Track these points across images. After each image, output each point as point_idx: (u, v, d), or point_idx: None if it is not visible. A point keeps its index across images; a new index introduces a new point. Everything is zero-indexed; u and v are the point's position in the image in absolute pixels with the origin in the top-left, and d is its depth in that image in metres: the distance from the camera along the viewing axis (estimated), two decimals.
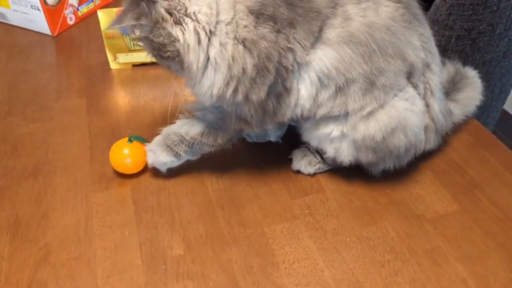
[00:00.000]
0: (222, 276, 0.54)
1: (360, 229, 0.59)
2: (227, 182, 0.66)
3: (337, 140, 0.61)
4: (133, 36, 0.54)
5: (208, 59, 0.53)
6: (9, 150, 0.71)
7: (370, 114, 0.58)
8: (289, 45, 0.53)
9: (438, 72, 0.63)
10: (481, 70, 0.98)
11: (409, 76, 0.59)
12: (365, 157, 0.60)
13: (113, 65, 0.88)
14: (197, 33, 0.52)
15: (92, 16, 1.05)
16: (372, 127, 0.57)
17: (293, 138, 0.67)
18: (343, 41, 0.54)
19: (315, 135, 0.62)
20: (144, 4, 0.51)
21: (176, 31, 0.52)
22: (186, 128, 0.62)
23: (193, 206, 0.63)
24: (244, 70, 0.52)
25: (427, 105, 0.62)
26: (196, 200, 0.64)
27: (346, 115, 0.58)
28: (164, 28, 0.52)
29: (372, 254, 0.56)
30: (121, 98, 0.82)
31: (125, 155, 0.65)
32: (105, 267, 0.56)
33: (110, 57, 0.87)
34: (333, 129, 0.60)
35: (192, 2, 0.51)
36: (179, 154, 0.63)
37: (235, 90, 0.54)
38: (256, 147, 0.70)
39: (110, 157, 0.66)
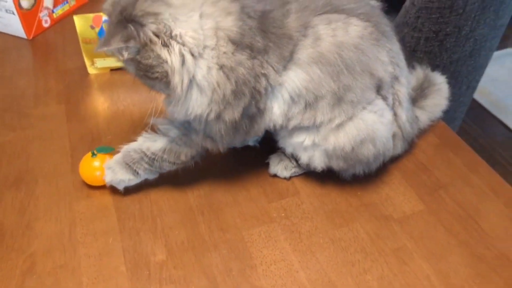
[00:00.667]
0: (203, 280, 0.57)
1: (333, 230, 0.63)
2: (207, 188, 0.68)
3: (309, 149, 0.64)
4: (120, 58, 0.55)
5: (193, 81, 0.55)
6: None
7: (340, 126, 0.61)
8: (262, 71, 0.56)
9: (406, 84, 0.67)
10: (449, 69, 1.03)
11: (379, 89, 0.62)
12: (336, 165, 0.64)
13: (90, 70, 0.89)
14: (182, 55, 0.54)
15: (67, 18, 1.04)
16: (341, 139, 0.61)
17: (270, 143, 0.70)
18: (313, 61, 0.57)
19: (289, 143, 0.65)
20: (132, 27, 0.52)
21: (164, 53, 0.53)
22: (148, 144, 0.64)
23: (175, 212, 0.65)
24: (224, 95, 0.55)
25: (395, 114, 0.66)
26: (177, 206, 0.66)
27: (317, 126, 0.61)
28: (152, 50, 0.53)
29: (344, 254, 0.60)
30: (101, 104, 0.83)
31: (94, 168, 0.66)
32: (90, 275, 0.58)
33: (87, 62, 0.88)
34: (305, 139, 0.63)
35: (177, 25, 0.53)
36: (137, 173, 0.64)
37: (210, 111, 0.56)
38: (235, 152, 0.73)
39: (80, 171, 0.67)
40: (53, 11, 1.01)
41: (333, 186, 0.68)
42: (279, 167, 0.69)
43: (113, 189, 0.67)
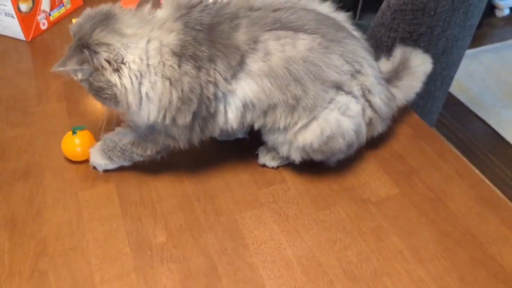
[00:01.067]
0: (201, 258, 0.64)
1: (317, 212, 0.70)
2: (202, 176, 0.75)
3: (285, 144, 0.71)
4: (75, 78, 0.63)
5: (142, 96, 0.63)
6: (1, 152, 0.77)
7: (305, 127, 0.67)
8: (209, 78, 0.62)
9: (371, 72, 0.70)
10: None
11: (339, 88, 0.67)
12: (315, 156, 0.71)
13: None
14: (131, 78, 0.62)
15: (63, 20, 1.09)
16: (308, 137, 0.67)
17: (258, 136, 0.76)
18: (263, 74, 0.63)
19: (268, 138, 0.72)
20: (87, 52, 0.60)
21: (114, 78, 0.62)
22: (120, 136, 0.72)
23: (173, 198, 0.71)
24: (170, 102, 0.62)
25: (368, 101, 0.71)
26: (175, 193, 0.72)
27: (283, 128, 0.68)
28: (103, 75, 0.61)
29: (327, 233, 0.67)
30: None
31: (75, 144, 0.74)
32: (98, 256, 0.64)
33: None
34: (278, 137, 0.70)
35: (128, 52, 0.61)
36: (112, 158, 0.72)
37: (164, 117, 0.64)
38: (227, 143, 0.79)
39: (62, 148, 0.75)
40: (50, 14, 1.06)
41: (316, 174, 0.75)
42: (267, 158, 0.76)
43: (115, 179, 0.73)
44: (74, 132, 0.75)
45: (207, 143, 0.75)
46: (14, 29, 1.01)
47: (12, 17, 0.98)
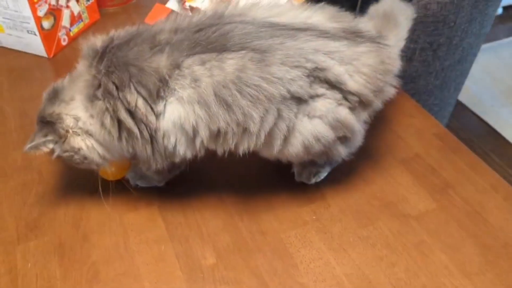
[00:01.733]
0: (253, 280, 0.65)
1: (360, 229, 0.71)
2: (243, 195, 0.75)
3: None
4: (46, 150, 0.66)
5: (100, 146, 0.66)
6: (36, 177, 0.77)
7: (285, 143, 0.65)
8: (126, 105, 0.61)
9: (332, 61, 0.63)
10: (440, 74, 1.13)
11: (298, 99, 0.62)
12: (315, 158, 0.70)
13: None
14: (84, 138, 0.65)
15: (82, 35, 1.09)
16: (292, 152, 0.66)
17: None
18: (194, 101, 0.60)
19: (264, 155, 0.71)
20: (48, 126, 0.65)
21: (76, 143, 0.65)
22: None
23: (217, 219, 0.72)
24: (110, 139, 0.64)
25: (342, 91, 0.64)
26: (218, 213, 0.73)
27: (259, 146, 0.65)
28: (68, 143, 0.65)
29: (372, 250, 0.69)
30: None
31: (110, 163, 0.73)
32: (151, 280, 0.64)
33: None
34: (268, 153, 0.69)
35: (71, 117, 0.64)
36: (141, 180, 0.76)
37: (122, 149, 0.65)
38: (262, 161, 0.80)
39: None
40: (70, 30, 1.05)
41: (355, 190, 0.77)
42: (304, 176, 0.77)
43: (157, 201, 0.74)
44: None
45: (244, 163, 0.76)
46: (36, 46, 1.00)
47: (35, 34, 0.97)
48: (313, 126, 0.65)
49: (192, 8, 1.04)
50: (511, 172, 1.89)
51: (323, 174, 0.77)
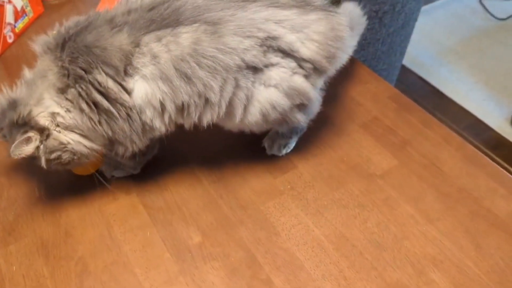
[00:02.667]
0: (239, 252, 0.68)
1: (332, 192, 0.76)
2: (218, 174, 0.78)
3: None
4: (30, 150, 0.63)
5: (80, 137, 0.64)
6: (5, 181, 0.75)
7: (245, 112, 0.68)
8: (97, 86, 0.61)
9: (283, 30, 0.65)
10: (386, 40, 1.19)
11: (253, 68, 0.64)
12: (276, 126, 0.75)
13: None
14: (66, 133, 0.63)
15: (27, 30, 1.05)
16: (252, 120, 0.68)
17: None
18: (156, 77, 0.61)
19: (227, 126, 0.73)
20: (25, 126, 0.62)
21: (62, 138, 0.63)
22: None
23: (196, 199, 0.74)
24: (90, 125, 0.63)
25: (296, 58, 0.66)
26: (196, 193, 0.75)
27: (220, 118, 0.68)
28: (53, 140, 0.62)
29: (346, 210, 0.74)
30: None
31: None
32: (141, 265, 0.66)
33: None
34: (230, 124, 0.71)
35: (41, 115, 0.62)
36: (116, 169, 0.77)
37: (102, 134, 0.65)
38: (234, 137, 0.83)
39: None
40: (15, 26, 1.01)
41: (323, 156, 0.81)
42: (275, 148, 0.80)
43: (135, 189, 0.75)
44: None
45: (216, 140, 0.78)
46: None
47: None
48: (269, 95, 0.67)
49: None
50: (455, 127, 2.03)
51: (292, 144, 0.81)
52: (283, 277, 0.65)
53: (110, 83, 0.61)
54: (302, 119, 0.74)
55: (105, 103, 0.62)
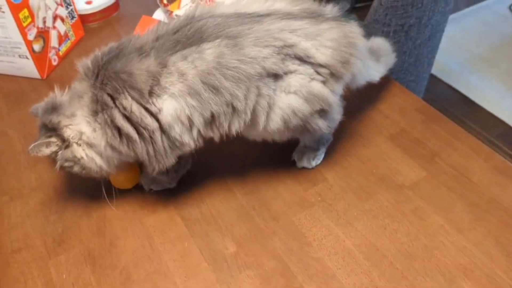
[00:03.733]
0: (273, 261, 0.71)
1: (362, 204, 0.78)
2: (251, 186, 0.81)
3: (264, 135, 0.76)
4: (48, 152, 0.69)
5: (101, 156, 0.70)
6: (53, 194, 0.81)
7: (268, 120, 0.71)
8: (123, 112, 0.66)
9: (297, 38, 0.68)
10: (413, 52, 1.21)
11: (274, 75, 0.68)
12: (298, 135, 0.78)
13: None
14: (85, 150, 0.69)
15: (70, 53, 1.12)
16: (273, 127, 0.72)
17: (290, 141, 0.83)
18: (185, 93, 0.65)
19: (250, 135, 0.77)
20: (52, 131, 0.69)
21: (79, 152, 0.69)
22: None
23: (230, 211, 0.78)
24: (115, 148, 0.69)
25: (312, 63, 0.70)
26: (230, 205, 0.79)
27: (245, 126, 0.71)
28: (70, 151, 0.69)
29: (375, 221, 0.76)
30: None
31: (122, 173, 0.79)
32: (180, 274, 0.70)
33: None
34: (255, 133, 0.75)
35: (73, 130, 0.68)
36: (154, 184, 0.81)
37: (123, 154, 0.70)
38: (264, 154, 0.86)
39: (110, 177, 0.79)
40: (59, 49, 1.08)
41: (353, 168, 0.84)
42: (305, 160, 0.83)
43: (172, 202, 0.79)
44: None
45: (247, 155, 0.82)
46: (29, 69, 1.03)
47: (27, 58, 1.00)
48: (290, 101, 0.70)
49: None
50: (486, 135, 2.00)
51: (321, 156, 0.84)
52: (316, 286, 0.68)
53: (134, 107, 0.66)
54: (323, 126, 0.76)
55: (127, 127, 0.66)
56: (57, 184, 0.83)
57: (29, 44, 0.98)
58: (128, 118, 0.66)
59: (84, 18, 1.18)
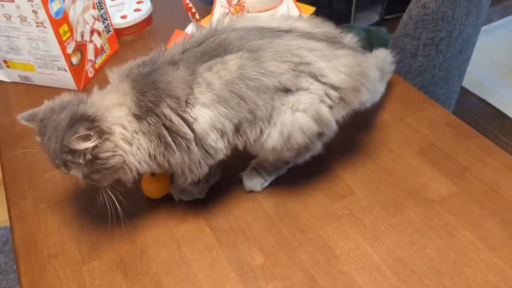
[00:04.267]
0: (300, 274, 0.71)
1: (390, 218, 0.78)
2: (278, 198, 0.82)
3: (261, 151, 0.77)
4: (84, 152, 0.67)
5: (135, 156, 0.70)
6: (88, 203, 0.84)
7: (268, 135, 0.73)
8: (167, 122, 0.68)
9: (314, 57, 0.71)
10: (444, 66, 1.20)
11: (286, 90, 0.71)
12: (286, 155, 0.77)
13: None
14: (121, 141, 0.68)
15: (105, 65, 1.16)
16: (270, 143, 0.73)
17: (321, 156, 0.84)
18: (215, 102, 0.68)
19: (252, 149, 0.78)
20: (90, 123, 0.66)
21: (119, 145, 0.68)
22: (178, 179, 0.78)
23: (258, 222, 0.79)
24: (155, 153, 0.69)
25: (325, 84, 0.72)
26: (258, 217, 0.80)
27: (254, 143, 0.74)
28: (110, 141, 0.67)
29: (403, 235, 0.75)
30: None
31: (156, 184, 0.82)
32: (209, 283, 0.71)
33: None
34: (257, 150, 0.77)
35: (112, 121, 0.67)
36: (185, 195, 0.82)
37: (158, 163, 0.71)
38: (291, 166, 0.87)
39: (143, 188, 0.82)
40: (95, 62, 1.13)
41: (381, 182, 0.83)
42: (256, 183, 0.83)
43: (201, 212, 0.81)
44: (152, 174, 0.82)
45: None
46: (66, 81, 1.07)
47: (65, 70, 1.05)
48: (296, 118, 0.72)
49: None
50: None
51: (269, 182, 0.84)
52: None
53: (174, 117, 0.68)
54: (319, 147, 0.78)
55: (167, 137, 0.68)
56: (93, 193, 0.86)
57: (67, 57, 1.03)
58: (167, 128, 0.68)
59: (119, 32, 1.22)
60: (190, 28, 1.13)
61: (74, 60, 1.05)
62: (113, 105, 0.69)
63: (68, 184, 0.88)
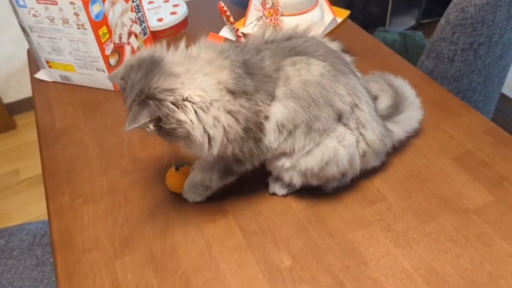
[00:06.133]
0: (328, 278, 0.71)
1: (423, 225, 0.76)
2: (309, 202, 0.82)
3: (288, 170, 0.77)
4: (148, 130, 0.68)
5: (206, 130, 0.68)
6: (122, 199, 0.86)
7: (309, 152, 0.74)
8: (258, 108, 0.69)
9: (366, 109, 0.77)
10: (483, 72, 1.16)
11: (340, 118, 0.74)
12: (312, 182, 0.78)
13: None
14: (195, 112, 0.66)
15: None
16: (310, 162, 0.75)
17: None
18: (287, 96, 0.70)
19: (273, 167, 0.79)
20: (153, 104, 0.65)
21: (182, 117, 0.66)
22: (200, 176, 0.80)
23: (288, 225, 0.79)
24: (236, 133, 0.69)
25: (362, 135, 0.77)
26: (288, 220, 0.80)
27: (292, 152, 0.75)
28: (173, 117, 0.66)
29: (437, 244, 0.73)
30: None
31: (181, 178, 0.84)
32: (236, 283, 0.72)
33: None
34: (285, 162, 0.76)
35: (186, 87, 0.66)
36: (198, 193, 0.83)
37: (231, 148, 0.71)
38: None
39: (167, 183, 0.85)
40: None
41: (414, 189, 0.82)
42: (276, 187, 0.83)
43: (231, 211, 0.82)
44: (177, 168, 0.84)
45: None
46: (104, 81, 1.11)
47: (103, 71, 1.08)
48: (339, 149, 0.75)
49: (244, 35, 1.13)
50: None
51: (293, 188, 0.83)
52: None
53: (263, 107, 0.70)
54: (334, 186, 0.81)
55: (250, 124, 0.70)
56: (126, 190, 0.88)
57: (106, 58, 1.06)
58: (256, 114, 0.70)
59: (155, 34, 1.25)
60: (224, 31, 1.15)
61: (112, 61, 1.09)
62: (194, 71, 0.67)
63: (103, 181, 0.91)
